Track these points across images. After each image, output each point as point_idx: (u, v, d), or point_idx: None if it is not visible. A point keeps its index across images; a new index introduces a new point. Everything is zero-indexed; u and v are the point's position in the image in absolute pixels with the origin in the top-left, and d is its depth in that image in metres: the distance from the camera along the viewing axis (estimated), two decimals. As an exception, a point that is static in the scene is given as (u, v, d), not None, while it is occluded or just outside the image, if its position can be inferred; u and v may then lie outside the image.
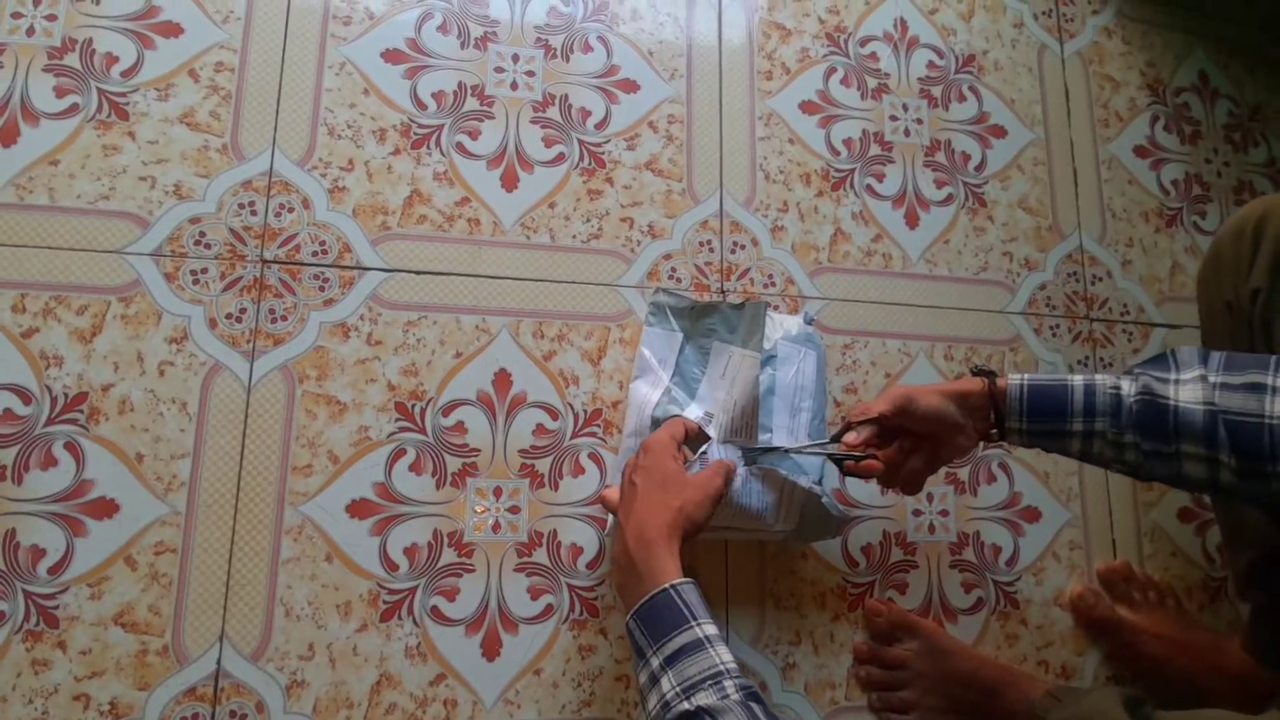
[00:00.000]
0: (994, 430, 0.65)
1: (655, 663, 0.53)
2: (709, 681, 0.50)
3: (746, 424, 0.72)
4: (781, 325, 0.79)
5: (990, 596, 0.85)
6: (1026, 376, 0.63)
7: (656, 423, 0.73)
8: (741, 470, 0.69)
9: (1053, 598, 0.86)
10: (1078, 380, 0.61)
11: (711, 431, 0.72)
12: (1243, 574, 0.72)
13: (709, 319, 0.79)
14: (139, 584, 0.66)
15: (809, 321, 0.82)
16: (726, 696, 0.50)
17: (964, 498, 0.86)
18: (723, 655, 0.52)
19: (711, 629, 0.53)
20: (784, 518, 0.72)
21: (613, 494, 0.67)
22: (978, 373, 0.66)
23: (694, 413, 0.74)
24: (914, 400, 0.65)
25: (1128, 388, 0.59)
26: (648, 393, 0.75)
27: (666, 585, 0.55)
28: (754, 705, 0.49)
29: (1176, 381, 0.56)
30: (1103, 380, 0.60)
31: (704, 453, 0.69)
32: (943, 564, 0.84)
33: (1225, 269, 0.67)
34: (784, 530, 0.73)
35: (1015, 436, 0.64)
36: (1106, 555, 0.89)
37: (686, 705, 0.50)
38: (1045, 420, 0.62)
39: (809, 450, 0.73)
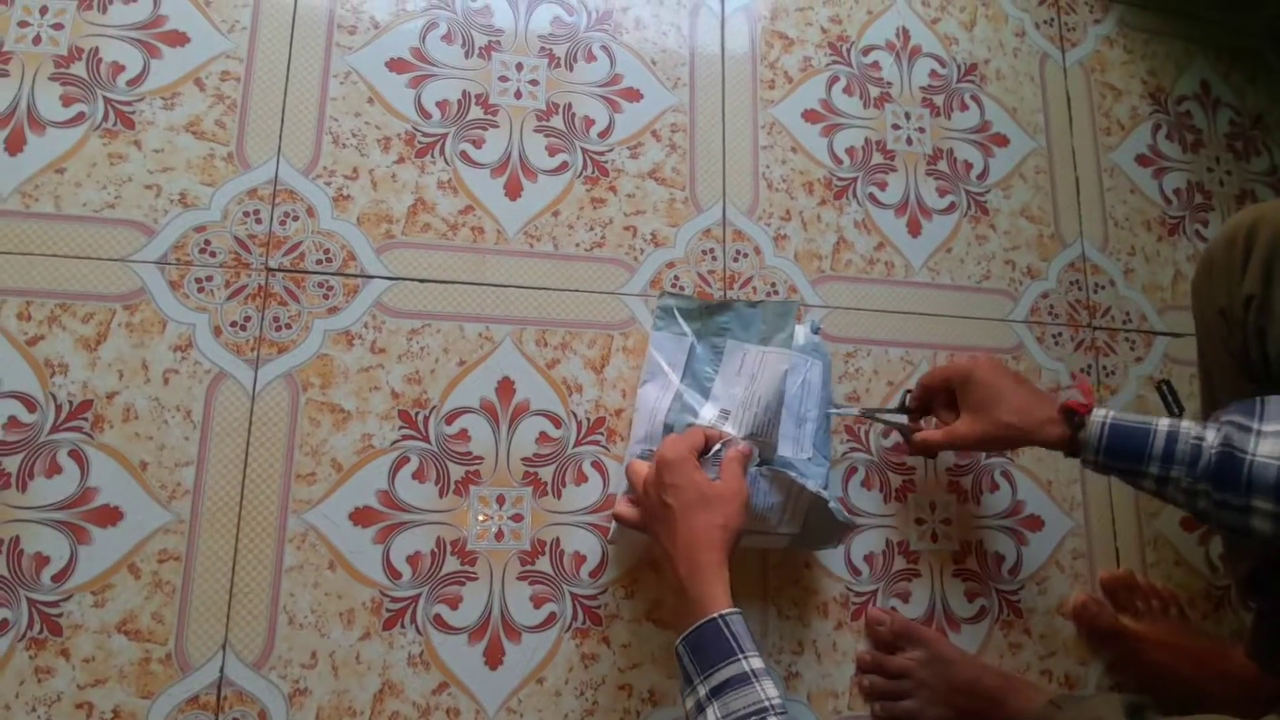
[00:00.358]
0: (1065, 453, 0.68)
1: (702, 691, 0.54)
2: (754, 717, 0.51)
3: (769, 419, 0.72)
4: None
5: (993, 605, 0.84)
6: (1111, 414, 0.64)
7: (669, 429, 0.73)
8: (751, 470, 0.69)
9: (1056, 607, 0.86)
10: (1162, 426, 0.61)
11: (729, 428, 0.72)
12: (1244, 582, 0.72)
13: (722, 317, 0.79)
14: (142, 592, 0.66)
15: (815, 331, 0.82)
16: None
17: (967, 506, 0.86)
18: (768, 690, 0.53)
19: (758, 663, 0.54)
20: (788, 520, 0.71)
21: (629, 511, 0.66)
22: (1065, 412, 0.67)
23: (709, 411, 0.74)
24: (986, 443, 0.70)
25: (1211, 438, 0.58)
26: (658, 397, 0.75)
27: (715, 615, 0.56)
28: None
29: (1258, 433, 0.56)
30: (1187, 428, 0.60)
31: (717, 451, 0.68)
32: (946, 573, 0.84)
33: (1218, 276, 0.68)
34: (787, 533, 0.73)
35: (1090, 466, 0.66)
36: (1110, 564, 0.89)
37: None
38: (1122, 460, 0.64)
39: (879, 414, 0.82)
